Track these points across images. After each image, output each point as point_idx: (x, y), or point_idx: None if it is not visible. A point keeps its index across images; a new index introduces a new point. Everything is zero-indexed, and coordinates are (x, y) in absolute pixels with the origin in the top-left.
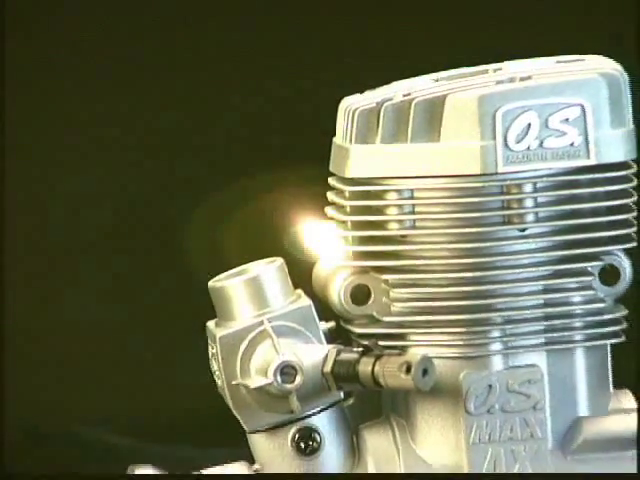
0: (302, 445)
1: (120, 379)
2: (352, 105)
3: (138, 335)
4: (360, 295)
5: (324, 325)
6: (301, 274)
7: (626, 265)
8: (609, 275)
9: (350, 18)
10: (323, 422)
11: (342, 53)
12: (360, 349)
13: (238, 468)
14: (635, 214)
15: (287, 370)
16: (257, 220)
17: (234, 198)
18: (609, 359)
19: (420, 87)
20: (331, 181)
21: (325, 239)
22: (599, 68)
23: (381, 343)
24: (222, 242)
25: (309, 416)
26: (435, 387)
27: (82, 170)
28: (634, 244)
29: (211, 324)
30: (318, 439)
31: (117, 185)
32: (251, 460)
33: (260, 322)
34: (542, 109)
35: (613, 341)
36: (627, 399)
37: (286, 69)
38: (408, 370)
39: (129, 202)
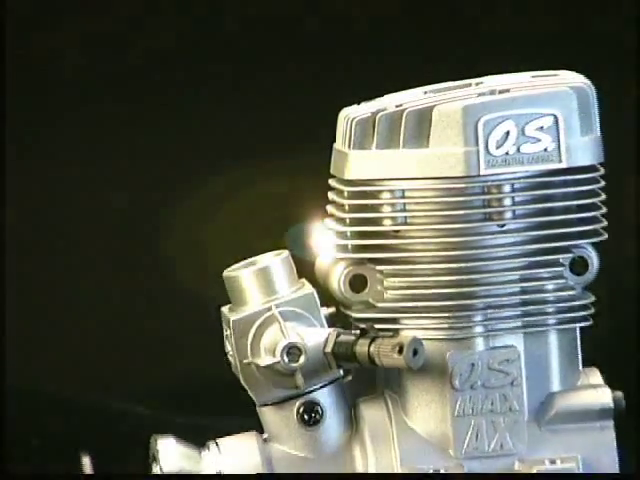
0: (306, 417)
1: (143, 352)
2: (350, 115)
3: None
4: (358, 284)
5: (325, 310)
6: (305, 265)
7: (594, 257)
8: (579, 266)
9: (351, 43)
10: (325, 397)
11: (342, 68)
12: (357, 332)
13: (249, 437)
14: (602, 211)
15: (292, 350)
16: (266, 217)
17: (245, 198)
18: (578, 340)
19: (411, 99)
20: (332, 182)
21: (326, 234)
22: (570, 82)
23: (376, 326)
24: (234, 237)
25: (312, 391)
26: (424, 366)
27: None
28: (601, 238)
29: (225, 309)
30: (320, 412)
31: (118, 181)
32: (261, 430)
33: (269, 308)
34: (519, 118)
35: (582, 324)
36: (594, 376)
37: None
38: (400, 350)
39: (129, 202)
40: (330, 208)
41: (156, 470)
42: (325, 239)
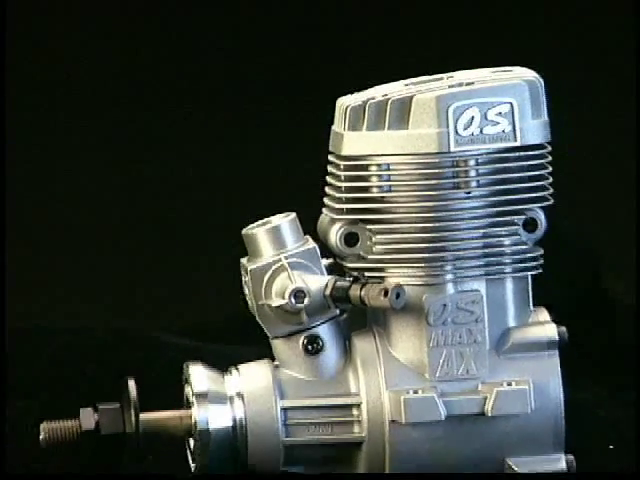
0: (309, 347)
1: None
2: (345, 102)
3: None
4: (351, 240)
5: (325, 261)
6: (308, 224)
7: (542, 218)
8: (530, 225)
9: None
10: (324, 331)
11: (341, 64)
12: (351, 279)
13: (263, 364)
14: (549, 181)
15: (298, 294)
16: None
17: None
18: (530, 285)
19: (394, 89)
20: (330, 158)
21: (326, 199)
22: (522, 76)
23: (366, 274)
24: (251, 204)
25: (314, 327)
26: (405, 306)
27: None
28: (548, 203)
29: (244, 260)
30: (321, 343)
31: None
32: (273, 358)
33: (279, 259)
34: (482, 105)
35: (533, 273)
36: (542, 314)
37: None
38: (386, 294)
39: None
40: (329, 179)
41: (188, 390)
42: (325, 203)
